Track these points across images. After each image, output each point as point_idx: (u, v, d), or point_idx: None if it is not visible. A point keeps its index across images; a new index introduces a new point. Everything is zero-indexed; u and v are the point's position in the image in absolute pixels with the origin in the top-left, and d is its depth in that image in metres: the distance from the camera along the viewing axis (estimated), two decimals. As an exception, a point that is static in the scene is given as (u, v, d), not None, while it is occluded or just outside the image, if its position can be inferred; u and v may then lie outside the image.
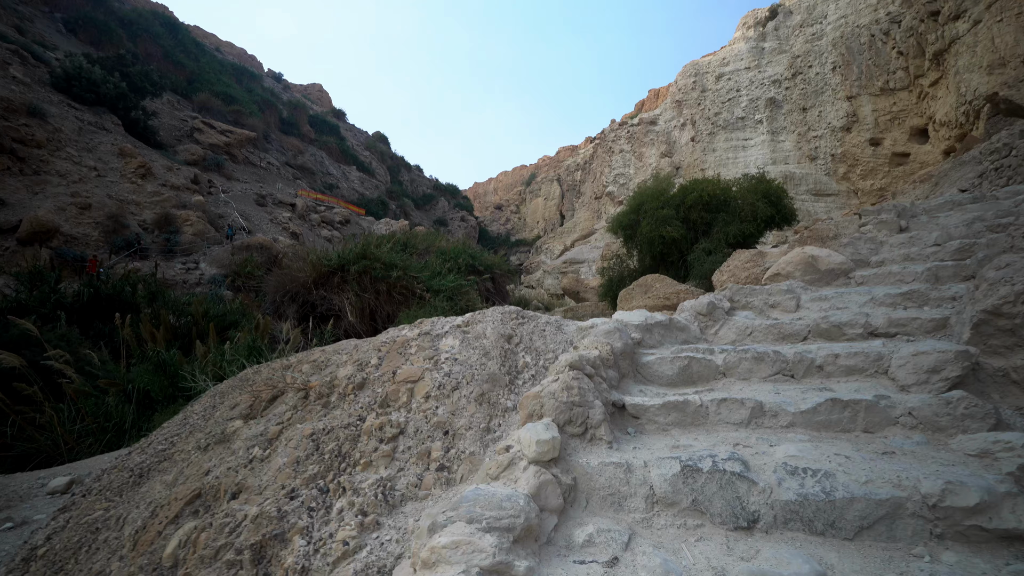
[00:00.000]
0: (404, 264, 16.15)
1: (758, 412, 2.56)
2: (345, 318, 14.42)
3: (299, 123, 57.79)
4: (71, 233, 16.88)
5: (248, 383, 3.64)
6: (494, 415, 2.76)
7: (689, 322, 3.59)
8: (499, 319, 3.52)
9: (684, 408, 2.62)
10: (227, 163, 32.40)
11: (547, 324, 3.58)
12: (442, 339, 3.35)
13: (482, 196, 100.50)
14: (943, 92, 21.70)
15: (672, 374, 3.04)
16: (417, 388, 2.95)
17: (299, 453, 2.73)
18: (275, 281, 15.23)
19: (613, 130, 49.35)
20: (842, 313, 3.58)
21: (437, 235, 33.39)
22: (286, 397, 3.28)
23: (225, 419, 3.30)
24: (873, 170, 27.83)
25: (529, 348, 3.29)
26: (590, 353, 2.73)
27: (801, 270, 4.63)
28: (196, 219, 20.69)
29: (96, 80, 24.67)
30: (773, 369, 2.99)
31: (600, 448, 2.33)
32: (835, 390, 2.70)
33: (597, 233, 45.54)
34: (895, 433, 2.40)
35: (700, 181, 17.15)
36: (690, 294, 7.97)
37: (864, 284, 4.26)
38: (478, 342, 3.24)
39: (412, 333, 3.46)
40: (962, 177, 5.86)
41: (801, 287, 4.26)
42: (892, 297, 3.72)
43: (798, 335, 3.46)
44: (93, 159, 20.62)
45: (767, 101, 33.85)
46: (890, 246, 4.93)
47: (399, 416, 2.81)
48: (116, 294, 11.93)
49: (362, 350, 3.44)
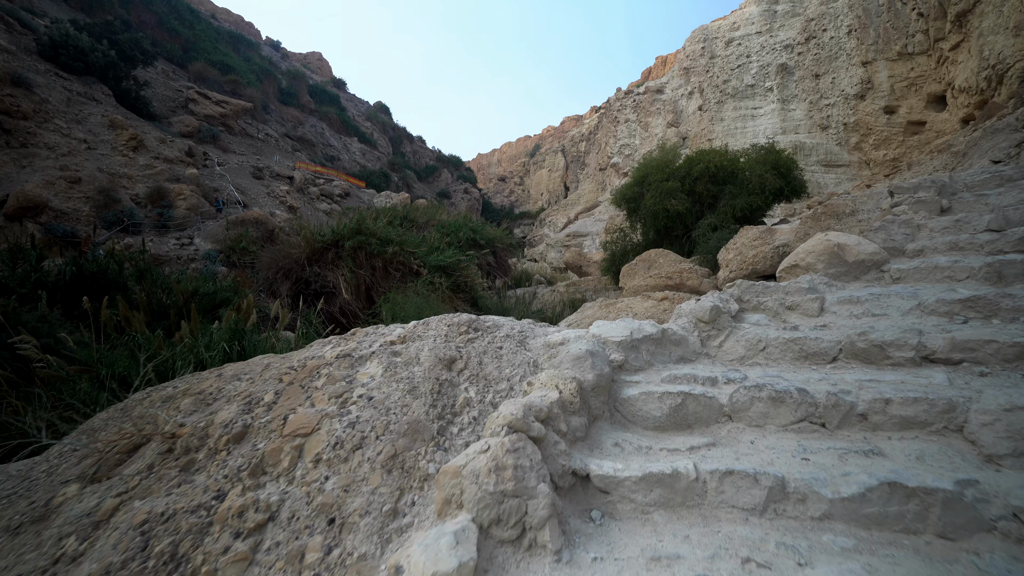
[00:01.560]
0: (401, 239, 15.75)
1: (778, 494, 1.78)
2: (339, 295, 14.12)
3: (298, 93, 56.63)
4: (61, 208, 16.51)
5: (127, 416, 2.93)
6: (407, 488, 2.02)
7: (687, 332, 2.95)
8: (443, 334, 2.81)
9: (672, 483, 1.83)
10: (223, 135, 31.73)
11: (506, 339, 2.82)
12: (364, 364, 2.64)
13: (486, 168, 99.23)
14: (964, 56, 20.72)
15: (661, 415, 2.32)
16: (308, 445, 2.22)
17: (115, 556, 1.91)
18: (268, 257, 14.89)
19: (619, 99, 48.07)
20: (883, 325, 2.84)
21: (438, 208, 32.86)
22: (149, 448, 2.51)
23: (60, 481, 2.46)
24: (887, 139, 26.94)
25: (476, 377, 2.54)
26: (545, 399, 2.04)
27: (824, 261, 3.88)
28: (190, 193, 20.25)
29: (84, 48, 23.83)
30: (797, 415, 2.23)
31: (542, 562, 1.61)
32: (887, 454, 1.95)
33: (601, 205, 44.83)
34: (990, 546, 1.58)
35: (707, 152, 16.53)
36: (694, 273, 7.56)
37: (902, 280, 3.54)
38: (407, 370, 2.53)
39: (331, 354, 2.76)
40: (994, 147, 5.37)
41: (824, 283, 3.60)
42: (947, 304, 2.97)
43: (825, 354, 2.74)
44: (83, 131, 20.09)
45: (778, 67, 32.67)
46: (930, 231, 4.19)
47: (273, 491, 2.05)
48: (101, 272, 11.57)
49: (264, 378, 2.77)
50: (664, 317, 7.72)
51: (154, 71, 33.97)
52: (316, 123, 55.18)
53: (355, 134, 61.15)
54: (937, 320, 2.90)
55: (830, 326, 2.99)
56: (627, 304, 7.33)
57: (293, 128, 48.81)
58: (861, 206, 5.41)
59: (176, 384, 3.15)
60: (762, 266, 6.90)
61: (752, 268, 7.03)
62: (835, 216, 5.61)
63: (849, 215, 5.50)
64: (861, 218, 5.36)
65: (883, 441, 2.05)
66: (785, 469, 1.85)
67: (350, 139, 59.39)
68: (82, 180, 17.68)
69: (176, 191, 20.17)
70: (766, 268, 6.86)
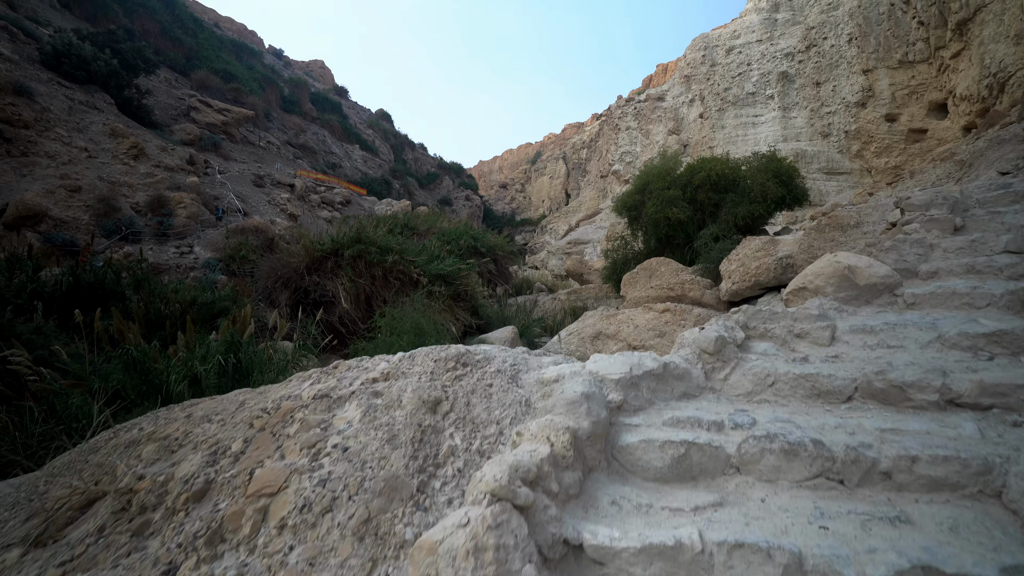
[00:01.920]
0: (401, 248, 15.69)
1: (794, 573, 1.55)
2: (339, 304, 14.04)
3: (300, 101, 56.89)
4: (60, 217, 16.49)
5: (87, 463, 2.64)
6: (380, 558, 1.73)
7: (690, 364, 2.74)
8: (428, 370, 2.58)
9: (675, 556, 1.60)
10: (224, 143, 31.81)
11: (497, 374, 2.57)
12: (343, 406, 2.39)
13: (487, 175, 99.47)
14: (965, 64, 20.70)
15: (662, 466, 2.09)
16: (273, 507, 1.95)
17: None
18: (267, 266, 14.84)
19: (620, 107, 48.18)
20: (901, 361, 2.60)
21: (439, 215, 32.84)
22: (103, 504, 2.24)
23: (3, 545, 2.19)
24: (888, 147, 26.90)
25: (463, 420, 2.30)
26: (535, 455, 1.82)
27: (834, 284, 3.71)
28: (190, 201, 20.24)
29: (86, 57, 23.95)
30: (812, 470, 1.99)
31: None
32: (916, 522, 1.72)
33: (603, 212, 44.81)
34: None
35: (708, 160, 16.50)
36: (696, 284, 7.47)
37: (917, 306, 3.36)
38: (387, 415, 2.28)
39: (308, 393, 2.51)
40: (1001, 157, 5.30)
41: (835, 308, 3.44)
42: (970, 338, 2.72)
43: (840, 393, 2.51)
44: (84, 139, 20.13)
45: (779, 75, 32.71)
46: (944, 251, 4.01)
47: (231, 564, 1.79)
48: (98, 282, 11.48)
49: (235, 421, 2.53)
50: (666, 330, 7.62)
51: (157, 79, 34.12)
52: (318, 131, 55.39)
53: (357, 141, 61.37)
54: (960, 355, 2.68)
55: (843, 357, 2.82)
56: (628, 316, 7.23)
57: (295, 136, 49.00)
58: (866, 218, 5.32)
59: (143, 425, 2.90)
60: (765, 278, 6.81)
61: (755, 280, 6.94)
62: (839, 228, 5.51)
63: (854, 227, 5.41)
64: (866, 230, 5.26)
65: (910, 504, 1.82)
66: (802, 541, 1.63)
67: (352, 146, 59.60)
68: (82, 189, 17.68)
69: (176, 199, 20.16)
70: (769, 280, 6.77)
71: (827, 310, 3.34)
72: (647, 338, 6.92)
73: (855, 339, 3.03)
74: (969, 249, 3.91)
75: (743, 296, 7.26)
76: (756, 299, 7.34)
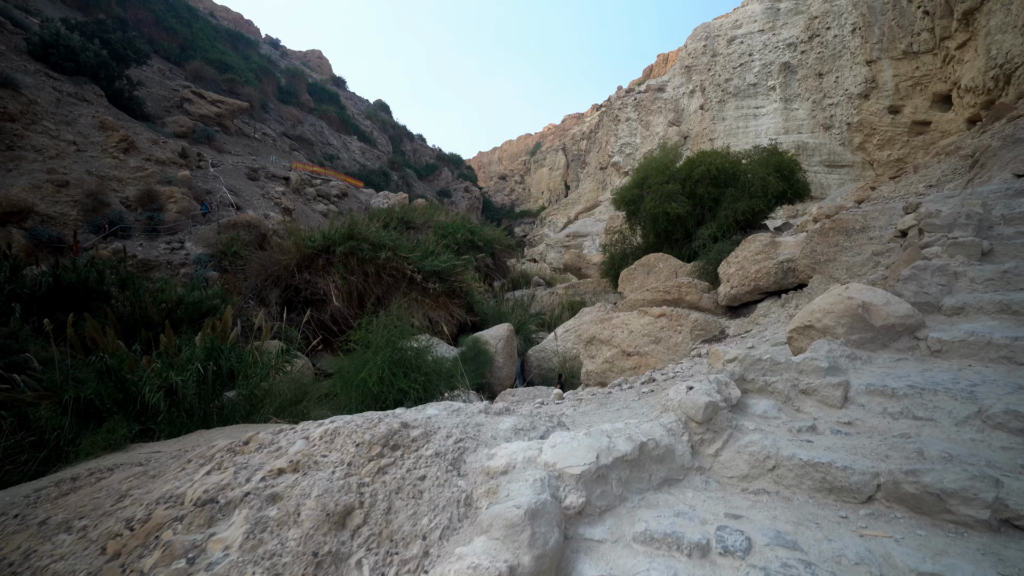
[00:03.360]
0: (394, 244, 15.41)
1: None
2: (330, 302, 13.78)
3: (298, 92, 56.30)
4: (47, 212, 16.16)
5: None
6: None
7: (675, 438, 2.29)
8: (347, 460, 2.03)
9: None
10: (218, 135, 31.37)
11: (435, 459, 2.06)
12: (228, 518, 1.87)
13: (486, 166, 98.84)
14: (971, 55, 20.28)
15: None
16: None
17: None
18: (257, 264, 14.55)
19: (619, 97, 47.63)
20: (933, 447, 2.08)
21: (436, 209, 32.50)
22: None
23: None
24: (891, 139, 26.51)
25: (378, 537, 1.78)
26: None
27: (846, 325, 3.17)
28: (180, 196, 19.87)
29: (75, 48, 23.43)
30: None
31: None
32: None
33: (602, 205, 44.44)
34: None
35: (708, 153, 16.15)
36: (693, 288, 7.19)
37: (944, 355, 2.83)
38: (277, 538, 1.76)
39: (194, 492, 2.00)
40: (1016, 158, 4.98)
41: (846, 355, 2.94)
42: (1021, 418, 2.17)
43: (857, 492, 1.98)
44: (72, 133, 19.74)
45: (781, 66, 32.21)
46: (970, 282, 3.53)
47: None
48: (81, 282, 11.13)
49: (91, 537, 2.01)
50: (661, 336, 7.36)
51: (149, 70, 33.60)
52: (315, 122, 54.84)
53: (355, 133, 60.81)
54: (1008, 441, 2.14)
55: (858, 426, 2.36)
56: (623, 320, 6.96)
57: (292, 127, 48.47)
58: (872, 222, 5.02)
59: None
60: (765, 282, 6.53)
61: (755, 284, 6.66)
62: (844, 232, 5.22)
63: (859, 231, 5.11)
64: (872, 235, 4.96)
65: None
66: None
67: (350, 138, 59.05)
68: (70, 183, 17.33)
69: (167, 194, 19.80)
70: (769, 284, 6.50)
71: (838, 358, 2.85)
72: (641, 344, 6.65)
73: (873, 403, 2.55)
74: (1001, 282, 3.39)
75: (742, 301, 6.99)
76: (755, 304, 7.07)
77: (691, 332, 6.71)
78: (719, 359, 2.82)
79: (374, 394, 3.97)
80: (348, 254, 14.35)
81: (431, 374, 4.18)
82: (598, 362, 7.07)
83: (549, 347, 15.39)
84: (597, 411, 4.48)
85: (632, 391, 5.01)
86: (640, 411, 4.17)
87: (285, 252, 14.52)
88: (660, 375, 5.40)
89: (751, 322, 6.58)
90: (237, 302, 14.08)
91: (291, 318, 13.44)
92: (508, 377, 14.96)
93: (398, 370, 4.06)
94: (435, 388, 4.42)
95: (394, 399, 3.99)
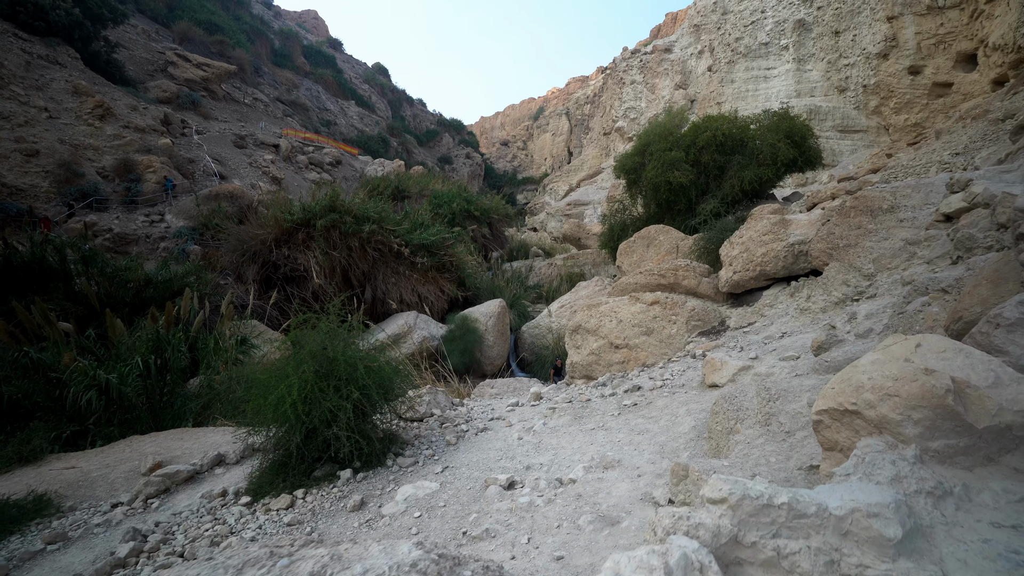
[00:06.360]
0: (379, 216, 14.59)
1: None
2: (311, 280, 13.08)
3: (292, 54, 54.46)
4: (16, 184, 15.37)
5: None
6: None
7: None
8: None
9: None
10: (205, 100, 30.17)
11: None
12: None
13: (488, 131, 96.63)
14: (1002, 9, 18.83)
15: None
16: None
17: None
18: (234, 238, 13.78)
19: (625, 59, 45.65)
20: None
21: (432, 177, 31.40)
22: None
23: None
24: (909, 103, 25.10)
25: None
26: None
27: (923, 423, 1.72)
28: (160, 165, 18.97)
29: (44, 6, 22.08)
30: None
31: None
32: None
33: (604, 172, 43.12)
34: None
35: (714, 118, 15.10)
36: (691, 271, 6.41)
37: None
38: None
39: None
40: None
41: (929, 493, 1.57)
42: None
43: None
44: (43, 98, 18.74)
45: (795, 23, 30.43)
46: None
47: None
48: (36, 261, 10.40)
49: None
50: (654, 326, 6.64)
51: (133, 31, 32.17)
52: (311, 86, 53.18)
53: (352, 97, 59.07)
54: None
55: None
56: (612, 307, 6.23)
57: (286, 92, 46.92)
58: (903, 200, 4.16)
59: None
60: (772, 267, 5.75)
61: (760, 269, 5.88)
62: (868, 212, 4.37)
63: (887, 212, 4.24)
64: (903, 217, 4.10)
65: None
66: None
67: (347, 103, 57.39)
68: (40, 153, 16.48)
69: (145, 163, 18.90)
70: (777, 270, 5.72)
71: (911, 493, 1.53)
72: (631, 336, 5.93)
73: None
74: None
75: (745, 287, 6.23)
76: (761, 291, 6.31)
77: (687, 323, 5.99)
78: (714, 377, 1.96)
79: (296, 415, 3.30)
80: (330, 228, 13.58)
81: (369, 387, 3.49)
82: (583, 353, 6.38)
83: (543, 323, 14.73)
84: (568, 428, 3.81)
85: (614, 400, 4.33)
86: (615, 437, 3.48)
87: (263, 226, 13.76)
88: (648, 379, 4.71)
89: (755, 312, 5.84)
90: (212, 280, 13.37)
91: (269, 296, 12.76)
92: (499, 356, 14.34)
93: (327, 384, 3.38)
94: (381, 399, 3.74)
95: (320, 418, 3.32)
